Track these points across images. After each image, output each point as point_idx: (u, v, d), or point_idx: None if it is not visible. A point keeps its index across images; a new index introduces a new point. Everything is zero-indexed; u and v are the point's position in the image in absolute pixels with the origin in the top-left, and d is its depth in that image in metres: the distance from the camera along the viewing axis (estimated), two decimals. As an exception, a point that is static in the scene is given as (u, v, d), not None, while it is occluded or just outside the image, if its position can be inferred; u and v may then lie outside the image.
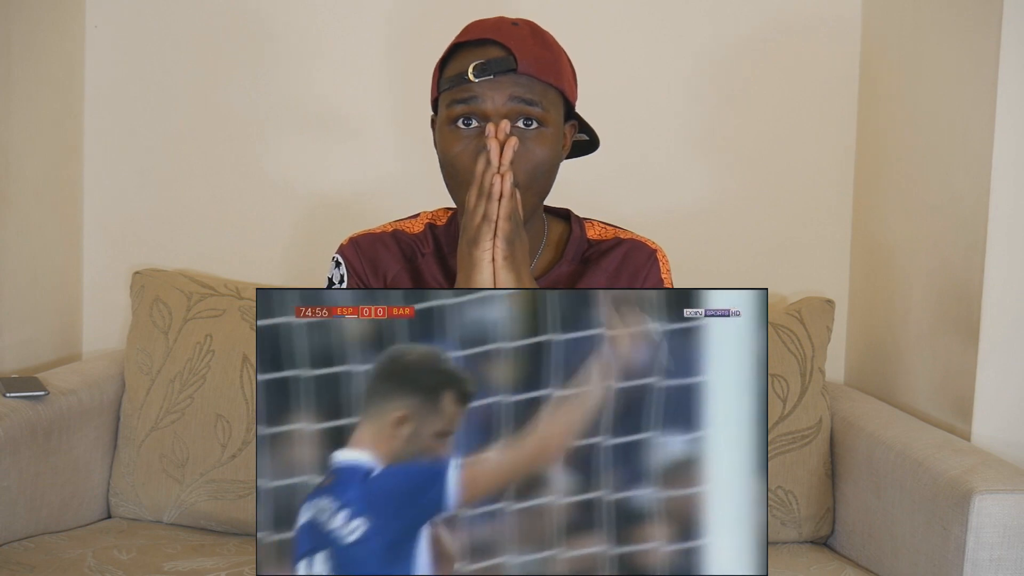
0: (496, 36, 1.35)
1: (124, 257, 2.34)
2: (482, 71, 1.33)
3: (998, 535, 1.58)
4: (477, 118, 1.34)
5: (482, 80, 1.33)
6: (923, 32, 2.08)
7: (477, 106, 1.34)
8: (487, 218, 1.29)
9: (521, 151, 1.32)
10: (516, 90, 1.34)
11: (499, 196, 1.29)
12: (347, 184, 2.34)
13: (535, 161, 1.35)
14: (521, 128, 1.34)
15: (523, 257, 1.32)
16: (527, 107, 1.34)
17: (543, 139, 1.35)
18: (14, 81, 2.07)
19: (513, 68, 1.33)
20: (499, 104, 1.33)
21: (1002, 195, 1.81)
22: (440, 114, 1.39)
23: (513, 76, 1.34)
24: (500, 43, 1.34)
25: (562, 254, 1.45)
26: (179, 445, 2.09)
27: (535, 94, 1.35)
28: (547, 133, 1.36)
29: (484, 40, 1.36)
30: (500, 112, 1.33)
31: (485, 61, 1.33)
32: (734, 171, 2.37)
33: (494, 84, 1.33)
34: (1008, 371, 1.83)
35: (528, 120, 1.34)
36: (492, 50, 1.35)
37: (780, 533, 2.06)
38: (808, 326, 2.16)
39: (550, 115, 1.36)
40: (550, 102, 1.37)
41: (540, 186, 1.38)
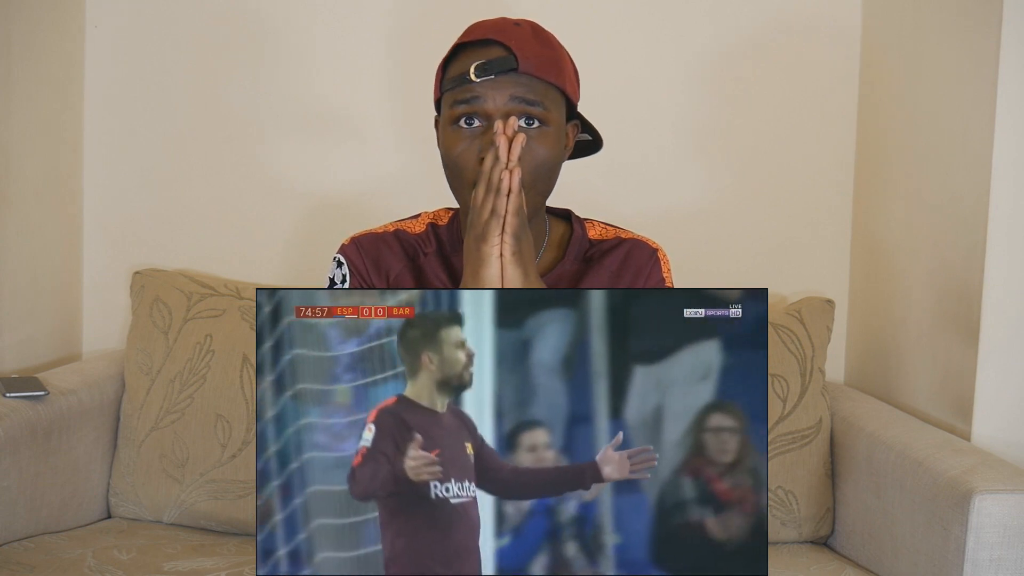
0: (497, 36, 1.36)
1: (124, 257, 2.34)
2: (483, 71, 1.33)
3: (998, 535, 1.58)
4: (479, 118, 1.35)
5: (483, 80, 1.33)
6: (923, 32, 2.08)
7: (479, 106, 1.34)
8: (495, 213, 1.29)
9: (523, 150, 1.33)
10: (517, 90, 1.34)
11: (507, 192, 1.29)
12: (347, 184, 2.34)
13: (537, 160, 1.35)
14: (523, 127, 1.34)
15: (529, 254, 1.32)
16: (528, 107, 1.34)
17: (545, 138, 1.36)
18: (14, 81, 2.07)
19: (514, 68, 1.34)
20: (500, 104, 1.34)
21: (1002, 195, 1.81)
22: (443, 114, 1.39)
23: (514, 76, 1.34)
24: (501, 43, 1.35)
25: (564, 253, 1.46)
26: (179, 445, 2.09)
27: (536, 93, 1.35)
28: (549, 132, 1.36)
29: (486, 40, 1.36)
30: (502, 111, 1.34)
31: (486, 61, 1.34)
32: (734, 171, 2.37)
33: (495, 84, 1.34)
34: (1008, 371, 1.83)
35: (530, 119, 1.35)
36: (493, 50, 1.35)
37: (780, 533, 2.06)
38: (808, 326, 2.16)
39: (552, 114, 1.36)
40: (552, 101, 1.37)
41: (543, 185, 1.38)
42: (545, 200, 1.42)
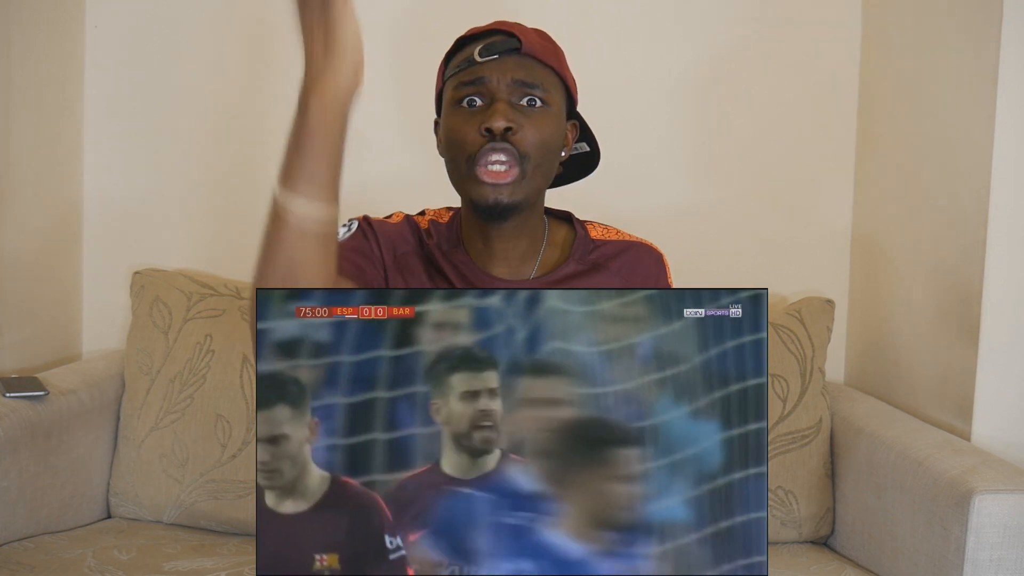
0: (501, 26, 1.39)
1: (124, 257, 2.34)
2: (487, 51, 1.36)
3: (998, 535, 1.58)
4: (482, 97, 1.36)
5: (487, 60, 1.36)
6: (923, 32, 2.08)
7: (482, 86, 1.36)
8: None
9: (528, 125, 1.34)
10: (519, 72, 1.36)
11: None
12: (347, 185, 2.33)
13: (541, 136, 1.36)
14: (524, 107, 1.36)
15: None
16: (530, 89, 1.36)
17: (547, 118, 1.37)
18: (14, 81, 2.07)
19: (517, 48, 1.36)
20: (503, 84, 1.35)
21: (1002, 195, 1.81)
22: (446, 98, 1.41)
23: (517, 57, 1.36)
24: (504, 31, 1.38)
25: (569, 254, 1.46)
26: (179, 445, 2.09)
27: (538, 77, 1.37)
28: (551, 113, 1.38)
29: (489, 32, 1.40)
30: (504, 91, 1.35)
31: (490, 42, 1.37)
32: (734, 171, 2.37)
33: (499, 64, 1.36)
34: (1008, 371, 1.83)
35: (532, 100, 1.36)
36: (496, 36, 1.38)
37: (780, 533, 2.06)
38: (808, 326, 2.16)
39: (553, 97, 1.38)
40: (553, 86, 1.39)
41: (545, 167, 1.39)
42: (545, 186, 1.42)
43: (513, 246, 1.41)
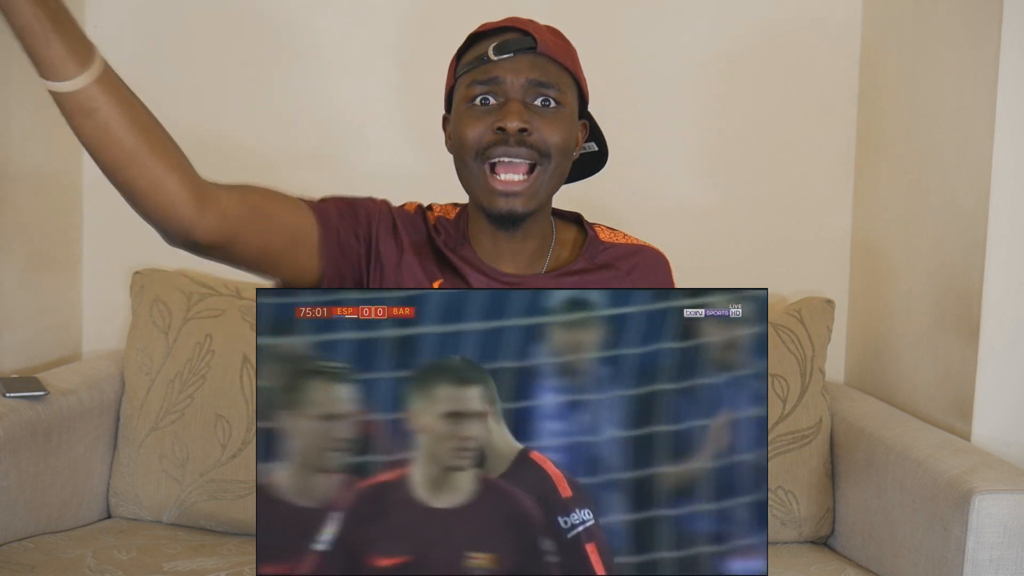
0: (514, 24, 1.38)
1: (124, 257, 2.34)
2: (502, 49, 1.34)
3: (998, 535, 1.58)
4: (495, 96, 1.35)
5: (502, 59, 1.34)
6: (923, 33, 2.08)
7: (496, 85, 1.34)
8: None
9: (542, 125, 1.33)
10: (534, 72, 1.34)
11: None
12: (350, 185, 2.33)
13: (557, 137, 1.35)
14: (539, 107, 1.34)
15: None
16: (545, 89, 1.35)
17: (561, 118, 1.36)
18: (14, 81, 2.06)
19: (532, 47, 1.35)
20: (518, 84, 1.34)
21: (1002, 195, 1.81)
22: (458, 94, 1.39)
23: (532, 56, 1.35)
24: (518, 29, 1.36)
25: (579, 253, 1.45)
26: (179, 445, 2.09)
27: (552, 77, 1.35)
28: (564, 114, 1.36)
29: (503, 29, 1.38)
30: (519, 91, 1.34)
31: (505, 40, 1.35)
32: (734, 171, 2.37)
33: (514, 63, 1.34)
34: (1008, 371, 1.83)
35: (546, 100, 1.35)
36: (511, 34, 1.36)
37: (780, 533, 2.06)
38: (808, 326, 2.16)
39: (567, 98, 1.37)
40: (567, 86, 1.38)
41: (560, 169, 1.38)
42: (558, 186, 1.41)
43: (522, 247, 1.41)
